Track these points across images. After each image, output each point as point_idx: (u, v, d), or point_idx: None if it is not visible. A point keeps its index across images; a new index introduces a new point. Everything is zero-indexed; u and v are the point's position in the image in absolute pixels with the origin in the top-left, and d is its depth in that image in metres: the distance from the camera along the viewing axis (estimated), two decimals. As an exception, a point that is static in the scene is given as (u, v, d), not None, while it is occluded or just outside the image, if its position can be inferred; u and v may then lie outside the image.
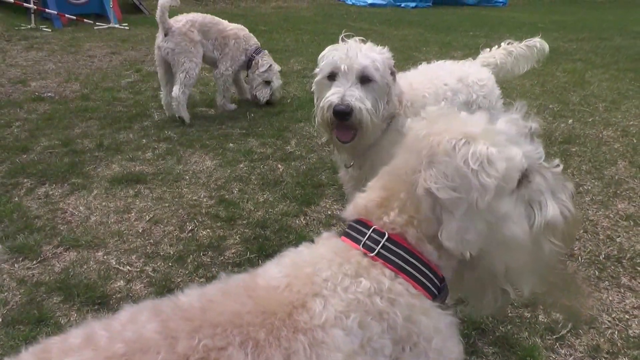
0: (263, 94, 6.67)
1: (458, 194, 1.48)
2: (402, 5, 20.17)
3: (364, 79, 2.81)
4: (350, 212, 1.63)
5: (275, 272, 1.48)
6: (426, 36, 12.81)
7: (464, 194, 1.48)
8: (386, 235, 1.51)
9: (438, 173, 1.49)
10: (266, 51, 6.78)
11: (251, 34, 6.76)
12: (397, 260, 1.50)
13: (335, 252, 1.51)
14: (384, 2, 20.47)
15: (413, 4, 20.18)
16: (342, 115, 2.75)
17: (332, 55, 2.87)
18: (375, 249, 1.50)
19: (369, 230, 1.53)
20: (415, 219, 1.53)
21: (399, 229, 1.53)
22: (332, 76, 2.84)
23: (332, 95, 2.77)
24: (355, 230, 1.57)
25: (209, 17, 6.46)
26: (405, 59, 9.83)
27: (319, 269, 1.45)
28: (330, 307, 1.38)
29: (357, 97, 2.76)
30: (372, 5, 20.37)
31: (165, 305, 1.37)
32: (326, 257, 1.49)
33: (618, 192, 4.59)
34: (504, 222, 1.54)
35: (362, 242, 1.52)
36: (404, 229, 1.53)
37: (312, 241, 1.62)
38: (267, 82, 6.71)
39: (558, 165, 1.74)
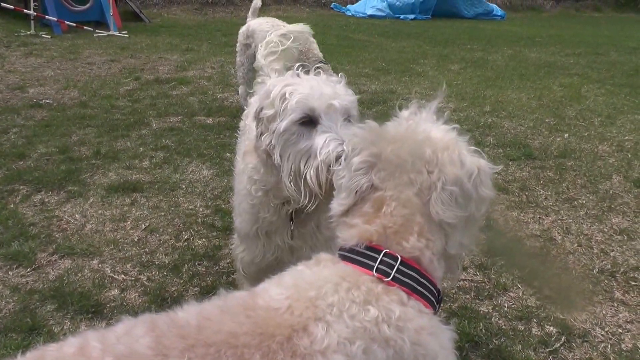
0: None
1: (464, 213, 1.55)
2: (401, 17, 20.24)
3: (347, 120, 2.18)
4: (355, 238, 1.58)
5: (276, 292, 1.45)
6: (424, 48, 12.86)
7: (467, 212, 1.56)
8: (399, 259, 1.51)
9: (450, 198, 1.53)
10: (323, 65, 5.91)
11: (309, 47, 6.29)
12: (411, 282, 1.51)
13: (342, 276, 1.49)
14: (383, 14, 20.54)
15: (412, 16, 20.25)
16: None
17: (301, 92, 2.16)
18: (390, 273, 1.49)
19: (379, 255, 1.52)
20: (431, 240, 1.55)
21: (417, 253, 1.54)
22: (307, 121, 2.14)
23: (333, 143, 2.06)
24: (362, 255, 1.54)
25: (266, 24, 6.49)
26: (402, 71, 9.88)
27: (324, 293, 1.43)
28: (333, 332, 1.36)
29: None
30: (371, 16, 20.45)
31: (161, 320, 1.37)
32: (332, 281, 1.47)
33: (612, 206, 4.60)
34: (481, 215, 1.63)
35: (375, 268, 1.50)
36: (422, 252, 1.54)
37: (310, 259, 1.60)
38: None
39: None
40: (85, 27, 12.83)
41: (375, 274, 1.50)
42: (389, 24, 18.51)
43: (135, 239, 3.91)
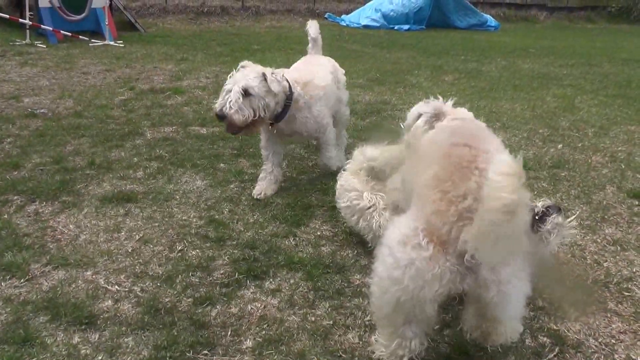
0: None
1: None
2: (396, 27, 20.31)
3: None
4: None
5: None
6: (418, 59, 12.89)
7: None
8: None
9: None
10: None
11: None
12: None
13: None
14: (377, 24, 20.61)
15: (406, 27, 20.32)
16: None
17: None
18: None
19: None
20: None
21: None
22: None
23: None
24: None
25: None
26: (396, 82, 9.92)
27: None
28: None
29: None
30: (365, 27, 20.51)
31: None
32: None
33: (606, 217, 4.62)
34: None
35: None
36: None
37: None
38: None
39: None
40: (80, 37, 12.85)
41: None
42: (383, 34, 18.57)
43: (129, 250, 3.91)
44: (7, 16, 12.62)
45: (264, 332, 3.09)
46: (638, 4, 27.76)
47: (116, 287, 3.47)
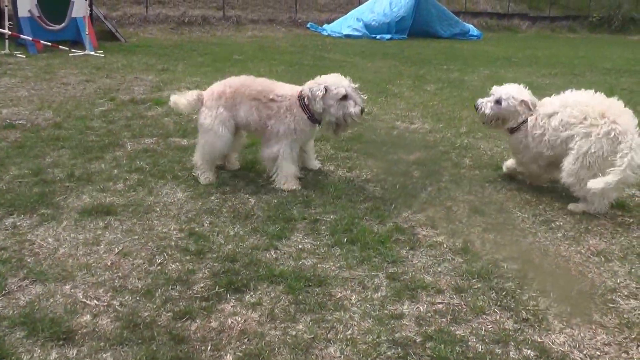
0: None
1: None
2: (378, 37, 20.40)
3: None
4: None
5: None
6: (400, 69, 12.93)
7: None
8: None
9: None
10: None
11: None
12: None
13: None
14: (359, 34, 20.70)
15: (388, 36, 20.42)
16: None
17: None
18: None
19: None
20: None
21: None
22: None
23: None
24: None
25: None
26: (378, 92, 9.91)
27: None
28: None
29: None
30: (347, 36, 20.59)
31: None
32: None
33: (589, 228, 4.62)
34: None
35: None
36: None
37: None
38: None
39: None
40: (60, 47, 12.76)
41: None
42: (365, 43, 18.63)
43: (109, 263, 3.84)
44: (-14, 26, 12.52)
45: (244, 346, 3.04)
46: (619, 14, 28.18)
47: (95, 301, 3.40)
